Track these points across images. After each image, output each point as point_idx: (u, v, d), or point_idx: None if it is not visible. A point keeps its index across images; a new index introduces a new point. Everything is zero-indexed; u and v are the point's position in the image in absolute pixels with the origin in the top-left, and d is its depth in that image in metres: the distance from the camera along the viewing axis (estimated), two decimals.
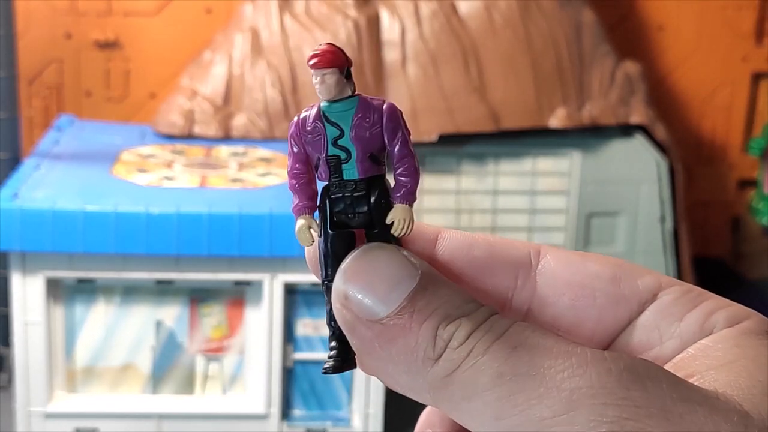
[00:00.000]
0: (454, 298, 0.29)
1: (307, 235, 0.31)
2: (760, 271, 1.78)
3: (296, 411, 1.22)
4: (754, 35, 1.76)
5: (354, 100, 0.31)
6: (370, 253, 0.30)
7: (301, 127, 0.31)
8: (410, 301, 0.29)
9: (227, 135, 1.48)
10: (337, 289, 0.30)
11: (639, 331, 0.31)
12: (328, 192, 0.31)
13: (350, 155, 0.31)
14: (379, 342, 0.29)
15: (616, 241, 1.58)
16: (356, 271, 0.30)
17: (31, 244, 1.10)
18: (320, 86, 0.31)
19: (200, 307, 1.19)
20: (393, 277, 0.29)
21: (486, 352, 0.27)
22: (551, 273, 0.33)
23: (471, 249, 0.33)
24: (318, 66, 0.31)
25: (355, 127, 0.31)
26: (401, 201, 0.31)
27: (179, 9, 1.65)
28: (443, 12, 1.50)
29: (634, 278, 0.32)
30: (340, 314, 0.30)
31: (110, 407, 1.18)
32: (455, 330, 0.28)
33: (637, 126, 1.55)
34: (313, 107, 0.32)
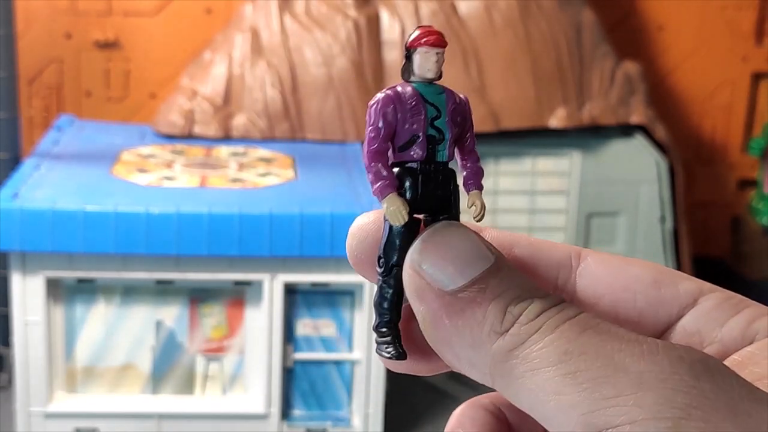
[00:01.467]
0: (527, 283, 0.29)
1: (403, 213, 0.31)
2: (760, 271, 1.78)
3: (296, 411, 1.22)
4: (754, 35, 1.76)
5: (441, 87, 0.32)
6: (448, 230, 0.30)
7: (398, 102, 0.31)
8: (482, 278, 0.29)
9: (227, 135, 1.48)
10: (412, 259, 0.30)
11: (680, 334, 0.32)
12: (416, 172, 0.31)
13: (444, 137, 0.31)
14: (447, 312, 0.29)
15: (616, 241, 1.58)
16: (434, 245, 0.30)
17: (31, 244, 1.10)
18: (433, 64, 0.31)
19: (200, 307, 1.19)
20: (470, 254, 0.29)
21: (555, 330, 0.27)
22: (592, 275, 0.33)
23: (512, 248, 0.33)
24: (435, 44, 0.31)
25: (451, 112, 0.32)
26: (476, 188, 0.32)
27: (179, 9, 1.65)
28: (443, 12, 1.50)
29: (675, 283, 0.32)
30: (412, 280, 0.30)
31: (110, 407, 1.18)
32: (527, 307, 0.28)
33: (637, 126, 1.55)
34: (403, 85, 0.31)
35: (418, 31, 0.31)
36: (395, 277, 0.31)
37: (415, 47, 0.31)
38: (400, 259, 0.31)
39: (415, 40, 0.31)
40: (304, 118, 1.49)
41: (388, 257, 0.31)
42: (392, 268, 0.31)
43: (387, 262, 0.31)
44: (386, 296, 0.32)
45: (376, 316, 0.32)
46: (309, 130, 1.49)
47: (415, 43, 0.31)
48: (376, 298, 0.32)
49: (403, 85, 0.31)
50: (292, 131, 1.49)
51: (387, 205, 0.31)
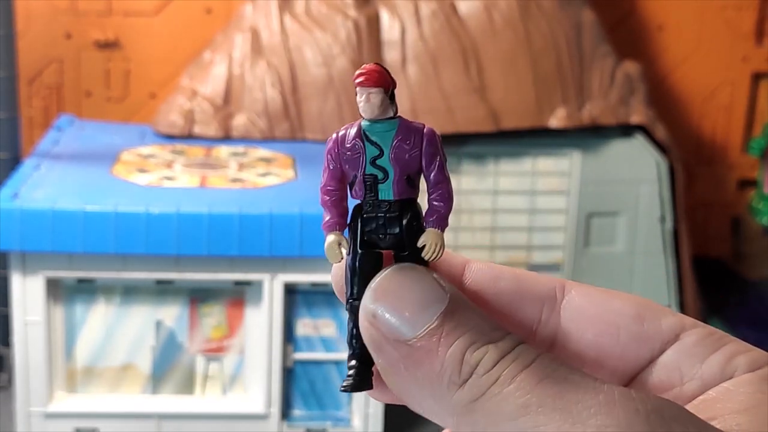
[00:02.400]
0: (482, 324, 0.29)
1: (336, 251, 0.31)
2: (760, 271, 1.78)
3: (296, 411, 1.22)
4: (754, 35, 1.76)
5: (395, 121, 0.31)
6: (400, 273, 0.30)
7: (340, 144, 0.31)
8: (438, 323, 0.29)
9: (227, 135, 1.48)
10: (365, 307, 0.30)
11: (660, 370, 0.32)
12: (361, 210, 0.32)
13: (387, 175, 0.31)
14: (405, 363, 0.29)
15: (616, 241, 1.58)
16: (386, 290, 0.30)
17: (31, 244, 1.10)
18: (365, 104, 0.31)
19: (200, 307, 1.19)
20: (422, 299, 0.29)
21: (513, 381, 0.27)
22: (576, 308, 0.33)
23: (497, 281, 0.33)
24: (365, 84, 0.31)
25: (395, 149, 0.31)
26: (434, 225, 0.31)
27: (179, 9, 1.65)
28: (443, 12, 1.50)
29: (658, 318, 0.32)
30: (368, 332, 0.30)
31: (110, 407, 1.18)
32: (483, 356, 0.28)
33: (637, 126, 1.55)
34: (353, 125, 0.32)
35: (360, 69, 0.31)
36: (355, 311, 0.31)
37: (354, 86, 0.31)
38: (359, 294, 0.31)
39: (353, 79, 0.31)
40: (304, 118, 1.49)
41: (348, 291, 0.32)
42: (349, 301, 0.32)
43: (347, 295, 0.32)
44: (350, 330, 0.32)
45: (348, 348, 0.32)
46: (309, 130, 1.49)
47: (354, 82, 0.31)
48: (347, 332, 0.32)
49: (354, 124, 0.32)
50: (292, 131, 1.49)
51: (325, 242, 0.31)
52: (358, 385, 0.32)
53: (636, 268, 1.58)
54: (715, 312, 1.65)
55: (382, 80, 0.31)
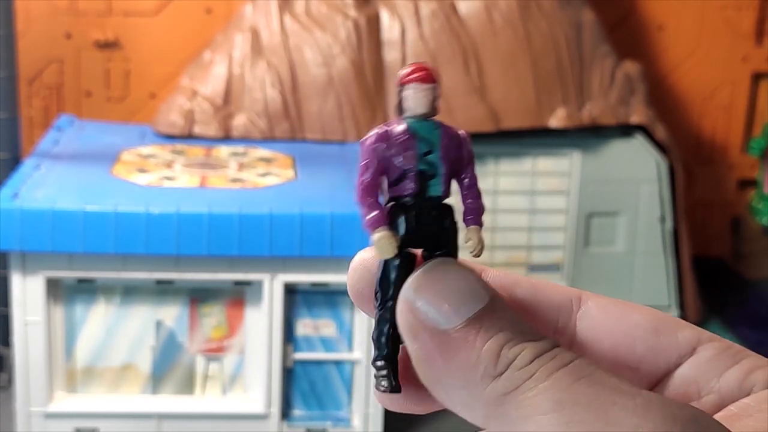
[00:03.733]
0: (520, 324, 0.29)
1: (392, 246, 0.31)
2: (760, 271, 1.78)
3: (296, 411, 1.22)
4: (754, 35, 1.76)
5: (437, 122, 0.32)
6: (443, 268, 0.30)
7: (387, 139, 0.31)
8: (477, 318, 0.29)
9: (227, 135, 1.48)
10: (406, 297, 0.30)
11: (677, 383, 0.32)
12: (406, 208, 0.31)
13: (436, 173, 0.31)
14: (440, 352, 0.29)
15: (616, 241, 1.58)
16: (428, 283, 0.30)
17: (31, 244, 1.10)
18: (422, 100, 0.31)
19: (200, 307, 1.19)
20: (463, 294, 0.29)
21: (549, 378, 0.27)
22: (592, 319, 0.33)
23: (514, 289, 0.33)
24: (424, 80, 0.31)
25: (445, 147, 0.32)
26: (474, 223, 0.32)
27: (179, 9, 1.65)
28: (443, 12, 1.50)
29: (674, 331, 0.32)
30: (405, 318, 0.30)
31: (110, 407, 1.18)
32: (520, 352, 0.28)
33: (637, 126, 1.55)
34: (396, 122, 0.32)
35: (409, 67, 0.31)
36: (391, 311, 0.31)
37: (405, 84, 0.31)
38: (396, 294, 0.31)
39: (405, 77, 0.31)
40: (304, 118, 1.49)
41: (384, 292, 0.31)
42: (387, 302, 0.31)
43: (383, 296, 0.31)
44: (383, 330, 0.32)
45: (374, 349, 0.32)
46: (309, 130, 1.49)
47: (405, 79, 0.31)
48: (374, 332, 0.32)
49: (397, 121, 0.32)
50: (292, 131, 1.49)
51: (375, 238, 0.31)
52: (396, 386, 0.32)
53: (636, 268, 1.58)
54: (715, 312, 1.65)
55: (437, 78, 0.31)
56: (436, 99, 0.31)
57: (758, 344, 1.52)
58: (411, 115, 0.31)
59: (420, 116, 0.31)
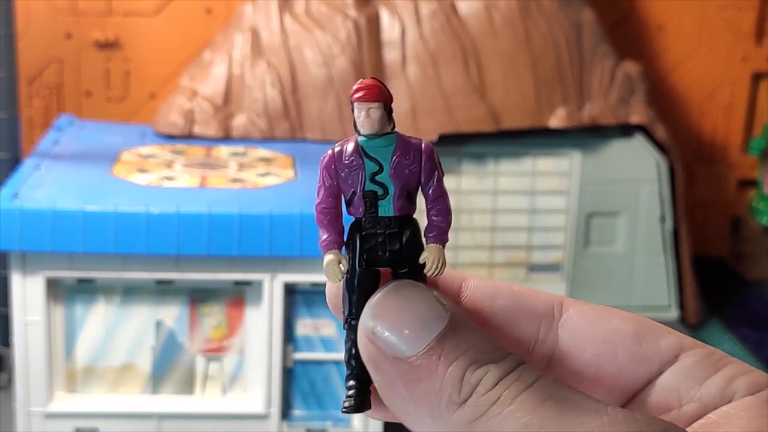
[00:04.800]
0: (483, 343, 0.29)
1: (337, 270, 0.31)
2: (760, 271, 1.78)
3: (296, 411, 1.22)
4: (754, 35, 1.76)
5: (393, 137, 0.31)
6: (400, 290, 0.30)
7: (337, 160, 0.31)
8: (438, 342, 0.28)
9: (227, 135, 1.48)
10: (364, 324, 0.30)
11: (658, 391, 0.31)
12: (360, 228, 0.31)
13: (387, 192, 0.31)
14: (403, 381, 0.28)
15: (616, 241, 1.58)
16: (386, 307, 0.29)
17: (31, 244, 1.10)
18: (364, 120, 0.31)
19: (200, 307, 1.19)
20: (422, 316, 0.29)
21: (514, 401, 0.27)
22: (574, 327, 0.32)
23: (495, 298, 0.33)
24: (364, 99, 0.31)
25: (395, 164, 0.31)
26: (435, 241, 0.31)
27: (179, 9, 1.65)
28: (443, 12, 1.50)
29: (657, 338, 0.32)
30: (366, 349, 0.29)
31: (110, 407, 1.18)
32: (483, 375, 0.28)
33: (637, 126, 1.55)
34: (349, 141, 0.31)
35: (356, 85, 0.31)
36: (353, 330, 0.31)
37: (351, 102, 0.31)
38: (357, 313, 0.30)
39: (351, 94, 0.31)
40: (304, 118, 1.49)
41: (346, 311, 0.31)
42: (348, 321, 0.31)
43: (345, 315, 0.31)
44: (349, 349, 0.31)
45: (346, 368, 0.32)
46: (309, 130, 1.49)
47: (351, 97, 0.31)
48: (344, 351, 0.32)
49: (350, 139, 0.31)
50: (292, 131, 1.49)
51: (324, 263, 0.31)
52: (359, 405, 0.31)
53: (636, 268, 1.58)
54: (715, 312, 1.65)
55: (381, 95, 0.31)
56: (383, 116, 0.31)
57: (758, 344, 1.52)
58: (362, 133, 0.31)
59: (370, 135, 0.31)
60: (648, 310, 1.57)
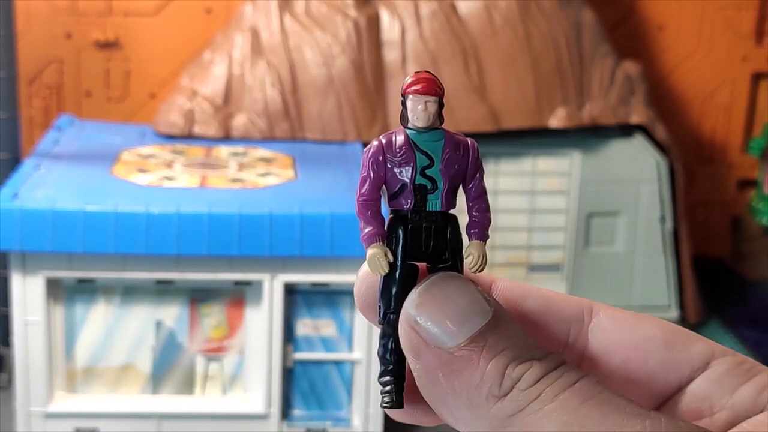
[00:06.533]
0: (525, 341, 0.28)
1: (382, 263, 0.30)
2: (760, 271, 1.78)
3: (296, 411, 1.22)
4: (754, 35, 1.76)
5: (441, 132, 0.31)
6: (445, 282, 0.30)
7: (387, 151, 0.31)
8: (481, 335, 0.28)
9: (227, 135, 1.48)
10: (407, 313, 0.29)
11: (689, 398, 0.31)
12: (406, 221, 0.31)
13: (437, 186, 0.31)
14: (443, 371, 0.28)
15: (616, 241, 1.58)
16: (430, 299, 0.29)
17: (31, 244, 1.10)
18: (421, 113, 0.30)
19: (200, 307, 1.19)
20: (466, 310, 0.29)
21: (555, 399, 0.27)
22: (604, 332, 0.32)
23: (525, 300, 0.33)
24: (421, 92, 0.30)
25: (446, 160, 0.31)
26: (478, 237, 0.31)
27: (179, 9, 1.65)
28: (443, 12, 1.50)
29: (687, 344, 0.32)
30: (408, 336, 0.29)
31: (110, 407, 1.18)
32: (525, 371, 0.27)
33: (637, 126, 1.55)
34: (396, 133, 0.31)
35: (412, 76, 0.31)
36: (392, 325, 0.30)
37: (406, 94, 0.31)
38: (396, 308, 0.30)
39: (406, 87, 0.31)
40: (304, 118, 1.49)
41: (385, 305, 0.31)
42: (387, 315, 0.31)
43: (384, 309, 0.31)
44: (386, 345, 0.31)
45: (380, 364, 0.32)
46: (309, 130, 1.49)
47: (405, 89, 0.31)
48: (379, 347, 0.32)
49: (399, 132, 0.31)
50: (292, 131, 1.49)
51: (368, 255, 0.31)
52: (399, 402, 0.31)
53: (636, 268, 1.58)
54: (715, 312, 1.65)
55: (439, 88, 0.30)
56: (438, 110, 0.31)
57: (758, 344, 1.52)
58: (412, 126, 0.31)
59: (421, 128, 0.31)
60: (648, 310, 1.57)
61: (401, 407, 0.31)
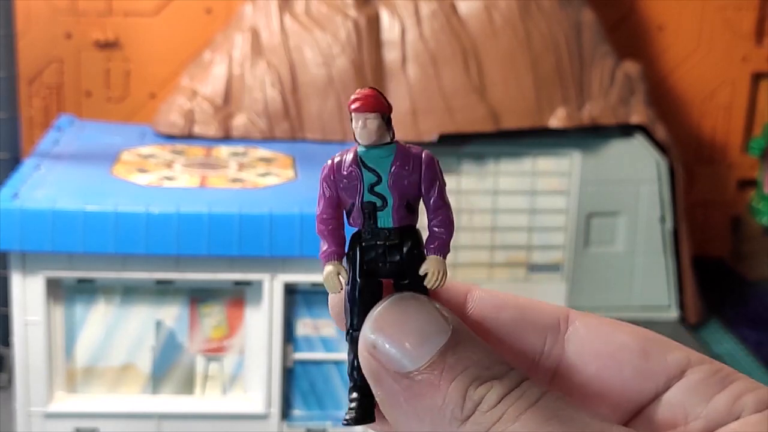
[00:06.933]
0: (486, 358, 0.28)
1: (335, 281, 0.30)
2: (760, 271, 1.78)
3: (296, 411, 1.22)
4: (754, 35, 1.76)
5: (392, 147, 0.31)
6: (402, 303, 0.29)
7: (336, 171, 0.31)
8: (440, 356, 0.28)
9: (227, 135, 1.48)
10: (365, 337, 0.29)
11: (664, 407, 0.31)
12: (360, 239, 0.31)
13: (386, 203, 0.30)
14: (405, 396, 0.28)
15: (616, 241, 1.58)
16: (387, 321, 0.29)
17: (31, 244, 1.10)
18: (361, 130, 0.30)
19: (200, 307, 1.19)
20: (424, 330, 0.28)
21: (517, 420, 0.26)
22: (580, 340, 0.32)
23: (501, 310, 0.32)
24: (360, 110, 0.30)
25: (394, 175, 0.30)
26: (436, 252, 0.31)
27: (179, 9, 1.65)
28: (443, 12, 1.50)
29: (663, 353, 0.31)
30: (367, 363, 0.29)
31: (110, 407, 1.18)
32: (486, 392, 0.27)
33: (637, 126, 1.55)
34: (348, 152, 0.31)
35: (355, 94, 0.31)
36: (355, 342, 0.30)
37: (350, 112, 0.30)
38: (359, 324, 0.30)
39: (348, 105, 0.30)
40: (304, 118, 1.49)
41: (348, 323, 0.31)
42: (350, 332, 0.31)
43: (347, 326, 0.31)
44: (351, 361, 0.31)
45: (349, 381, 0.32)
46: (309, 130, 1.49)
47: (349, 107, 0.30)
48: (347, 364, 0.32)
49: (347, 151, 0.31)
50: (292, 131, 1.49)
51: (323, 274, 0.30)
52: (361, 417, 0.31)
53: (636, 268, 1.58)
54: (715, 312, 1.65)
55: (379, 105, 0.30)
56: (380, 126, 0.30)
57: (758, 344, 1.52)
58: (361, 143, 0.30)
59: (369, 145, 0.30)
60: (648, 310, 1.57)
61: (363, 423, 0.31)
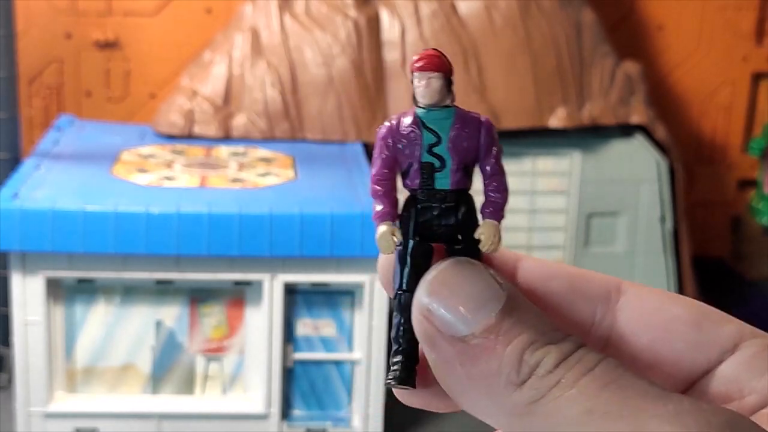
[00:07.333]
0: (542, 324, 0.28)
1: (390, 241, 0.30)
2: (760, 271, 1.78)
3: (296, 411, 1.22)
4: (754, 35, 1.76)
5: (452, 110, 0.31)
6: (457, 267, 0.29)
7: (395, 131, 0.30)
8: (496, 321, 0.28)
9: (227, 135, 1.48)
10: (419, 301, 0.29)
11: (718, 381, 0.30)
12: (416, 200, 0.30)
13: (444, 164, 0.30)
14: (460, 360, 0.28)
15: (616, 241, 1.58)
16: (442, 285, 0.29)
17: (31, 244, 1.10)
18: (424, 89, 0.30)
19: (200, 307, 1.19)
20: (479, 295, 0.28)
21: (575, 385, 0.26)
22: (631, 311, 0.32)
23: (551, 279, 0.32)
24: (425, 68, 0.30)
25: (453, 137, 0.30)
26: (491, 217, 0.30)
27: (179, 9, 1.65)
28: (443, 12, 1.50)
29: (717, 326, 0.31)
30: (421, 327, 0.29)
31: (110, 407, 1.18)
32: (543, 357, 0.27)
33: (637, 126, 1.55)
34: (406, 114, 0.31)
35: (418, 54, 0.31)
36: (402, 304, 0.30)
37: (412, 72, 0.30)
38: (407, 287, 0.30)
39: (411, 65, 0.30)
40: (304, 118, 1.49)
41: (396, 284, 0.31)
42: (398, 295, 0.30)
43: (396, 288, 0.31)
44: (397, 324, 0.31)
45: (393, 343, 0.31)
46: (309, 130, 1.49)
47: (411, 67, 0.30)
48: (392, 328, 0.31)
49: (405, 113, 0.31)
50: (292, 131, 1.49)
51: (377, 234, 0.30)
52: (405, 379, 0.30)
53: (636, 268, 1.58)
54: None
55: (442, 66, 0.30)
56: (443, 86, 0.30)
57: None
58: (421, 104, 0.30)
59: (430, 106, 0.30)
60: None
61: (410, 386, 0.30)
